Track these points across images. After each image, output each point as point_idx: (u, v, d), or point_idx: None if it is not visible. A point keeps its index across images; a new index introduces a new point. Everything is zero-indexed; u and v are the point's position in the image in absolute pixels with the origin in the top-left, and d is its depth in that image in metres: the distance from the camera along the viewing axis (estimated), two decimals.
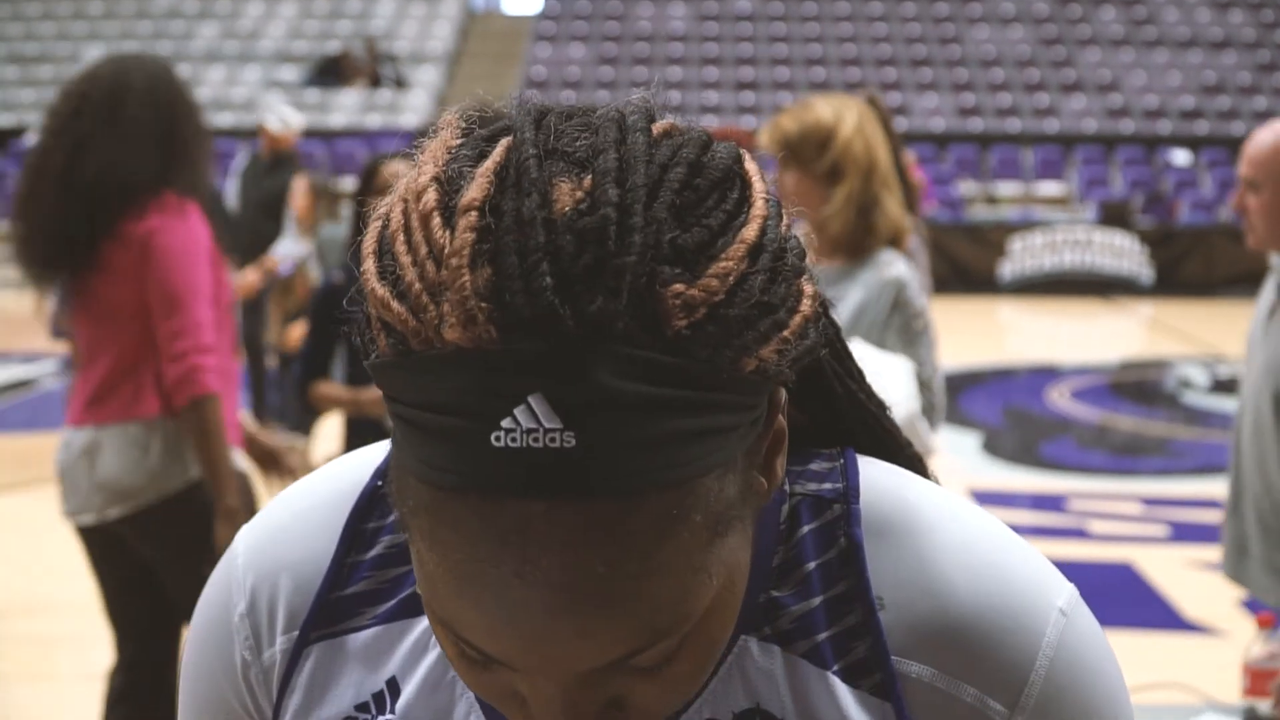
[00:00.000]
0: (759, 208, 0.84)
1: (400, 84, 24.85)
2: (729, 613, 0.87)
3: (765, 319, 0.81)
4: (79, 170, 3.58)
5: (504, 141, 0.83)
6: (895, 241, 3.63)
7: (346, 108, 24.36)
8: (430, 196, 0.82)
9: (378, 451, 1.05)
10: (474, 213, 0.79)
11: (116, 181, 3.58)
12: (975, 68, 25.81)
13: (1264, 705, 3.04)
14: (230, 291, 3.89)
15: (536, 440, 0.76)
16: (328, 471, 1.06)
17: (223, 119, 23.85)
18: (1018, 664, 0.92)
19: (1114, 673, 0.97)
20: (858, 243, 3.58)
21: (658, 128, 0.85)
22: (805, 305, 0.85)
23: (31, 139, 23.75)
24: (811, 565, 0.95)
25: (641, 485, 0.78)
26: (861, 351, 3.26)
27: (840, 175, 3.56)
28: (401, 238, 0.82)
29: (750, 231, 0.82)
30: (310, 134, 22.57)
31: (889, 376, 3.28)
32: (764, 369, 0.82)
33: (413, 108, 24.06)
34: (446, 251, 0.79)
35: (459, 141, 0.86)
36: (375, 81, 24.79)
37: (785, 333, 0.83)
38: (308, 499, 1.05)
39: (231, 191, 10.00)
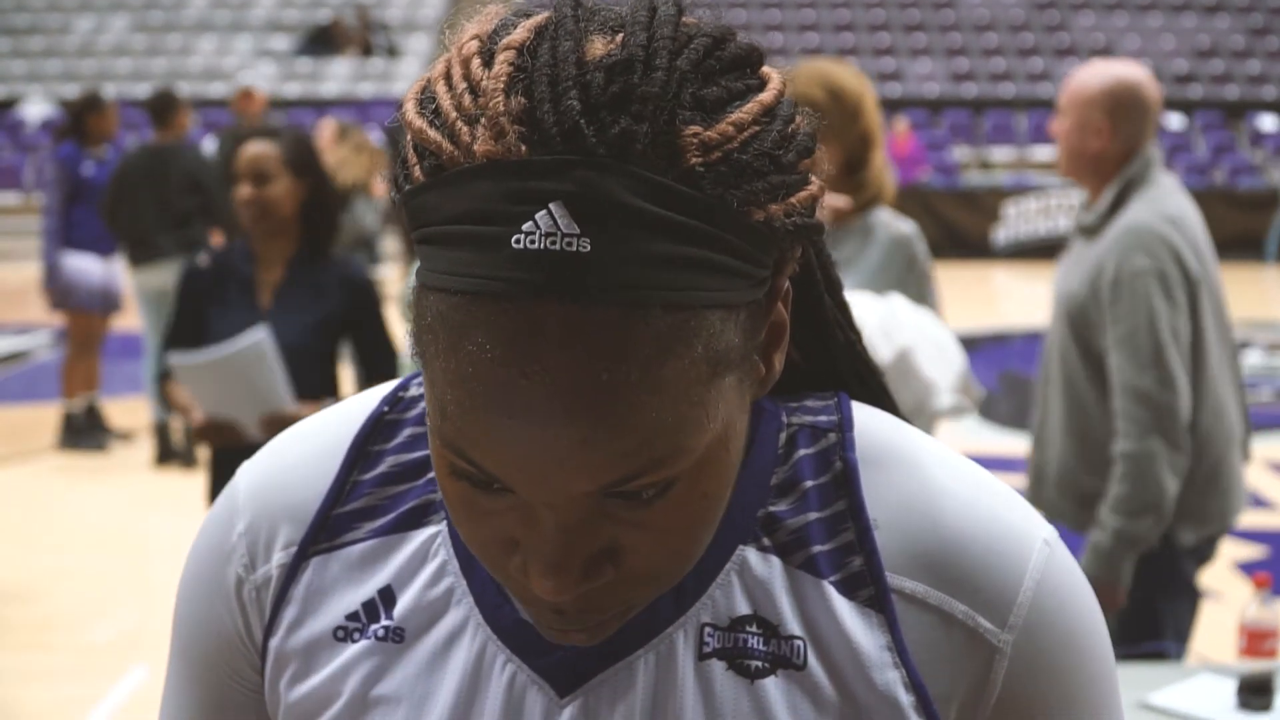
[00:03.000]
0: (775, 83, 0.91)
1: (392, 52, 24.77)
2: (724, 472, 0.91)
3: (775, 175, 0.87)
4: None
5: (545, 12, 0.90)
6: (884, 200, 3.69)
7: (338, 77, 24.28)
8: (472, 45, 0.89)
9: (384, 389, 1.09)
10: (512, 51, 0.86)
11: None
12: (969, 33, 25.76)
13: (1262, 665, 3.05)
14: None
15: (554, 243, 0.81)
16: (334, 408, 1.11)
17: (215, 89, 23.76)
18: (1006, 585, 0.97)
19: (1094, 606, 1.02)
20: (872, 201, 3.63)
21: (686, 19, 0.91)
22: (814, 186, 0.91)
23: (25, 111, 23.66)
24: (809, 484, 0.99)
25: (648, 299, 0.82)
26: (907, 312, 3.29)
27: (871, 142, 3.58)
28: (442, 79, 0.89)
29: (766, 96, 0.89)
30: (302, 103, 22.52)
31: (941, 334, 3.32)
32: (770, 224, 0.87)
33: (405, 76, 23.99)
34: (483, 84, 0.85)
35: (503, 15, 0.92)
36: (367, 50, 24.71)
37: (793, 198, 0.88)
38: (312, 430, 1.09)
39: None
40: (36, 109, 23.42)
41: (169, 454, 8.65)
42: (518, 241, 0.82)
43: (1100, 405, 3.58)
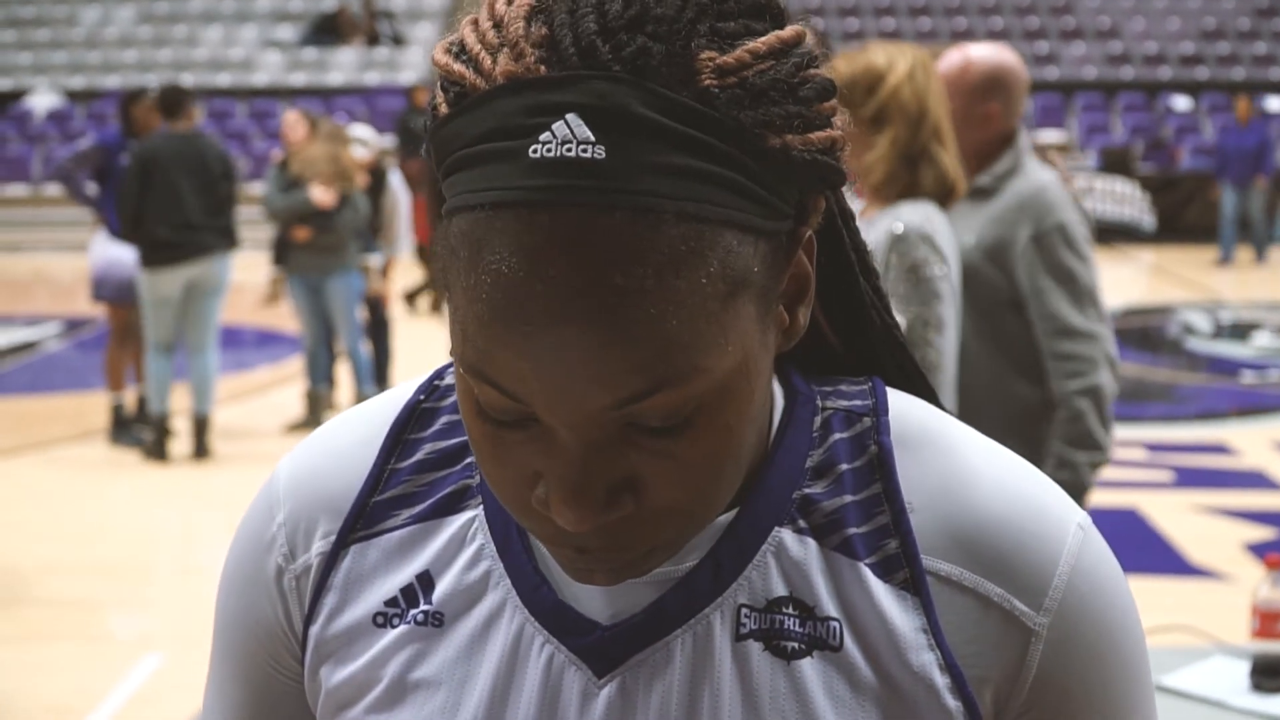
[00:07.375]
0: (794, 27, 0.92)
1: (398, 41, 24.77)
2: (745, 406, 0.91)
3: (790, 104, 0.89)
4: None
5: None
6: (945, 196, 3.46)
7: (344, 66, 24.28)
8: None
9: (420, 379, 1.10)
10: None
11: None
12: (974, 16, 25.72)
13: (1275, 646, 3.05)
14: None
15: (570, 150, 0.84)
16: (371, 399, 1.12)
17: (220, 79, 23.76)
18: (1042, 568, 0.98)
19: (1128, 591, 1.03)
20: (900, 194, 3.42)
21: None
22: (835, 129, 0.92)
23: (32, 102, 23.65)
24: (844, 467, 1.00)
25: (661, 207, 0.84)
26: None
27: (885, 121, 3.42)
28: (469, 23, 0.92)
29: (785, 33, 0.90)
30: (308, 93, 22.51)
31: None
32: (787, 153, 0.88)
33: (410, 65, 23.99)
34: (505, 17, 0.89)
35: None
36: (373, 39, 24.70)
37: (811, 134, 0.90)
38: (350, 421, 1.10)
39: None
40: (43, 100, 23.44)
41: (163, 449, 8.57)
42: (534, 151, 0.84)
43: (979, 348, 3.67)
